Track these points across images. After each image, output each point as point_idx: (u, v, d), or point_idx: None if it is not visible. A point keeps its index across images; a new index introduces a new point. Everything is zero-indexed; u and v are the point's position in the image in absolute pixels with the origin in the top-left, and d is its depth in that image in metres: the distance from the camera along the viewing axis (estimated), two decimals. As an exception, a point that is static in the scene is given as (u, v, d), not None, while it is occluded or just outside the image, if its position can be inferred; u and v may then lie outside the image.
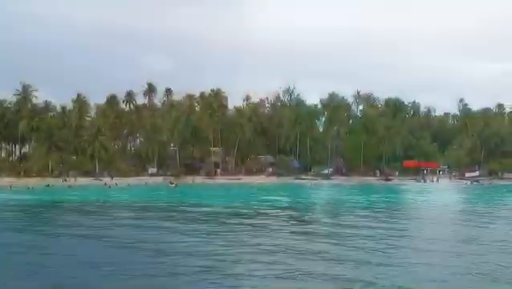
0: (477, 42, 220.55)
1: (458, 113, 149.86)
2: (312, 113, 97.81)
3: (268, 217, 39.46)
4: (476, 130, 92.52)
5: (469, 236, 27.99)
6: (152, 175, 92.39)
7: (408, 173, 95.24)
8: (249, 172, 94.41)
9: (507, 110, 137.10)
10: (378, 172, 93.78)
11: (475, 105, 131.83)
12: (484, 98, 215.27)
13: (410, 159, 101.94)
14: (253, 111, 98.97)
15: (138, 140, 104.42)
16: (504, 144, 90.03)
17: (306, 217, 41.53)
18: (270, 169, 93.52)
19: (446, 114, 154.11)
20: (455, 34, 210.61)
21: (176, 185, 79.03)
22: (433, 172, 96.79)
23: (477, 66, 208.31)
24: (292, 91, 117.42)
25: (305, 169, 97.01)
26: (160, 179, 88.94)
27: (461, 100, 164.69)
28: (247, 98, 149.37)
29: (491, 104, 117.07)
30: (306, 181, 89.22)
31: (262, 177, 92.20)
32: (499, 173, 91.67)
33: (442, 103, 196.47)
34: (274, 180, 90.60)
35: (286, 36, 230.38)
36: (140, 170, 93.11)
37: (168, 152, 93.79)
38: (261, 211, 44.60)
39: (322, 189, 79.92)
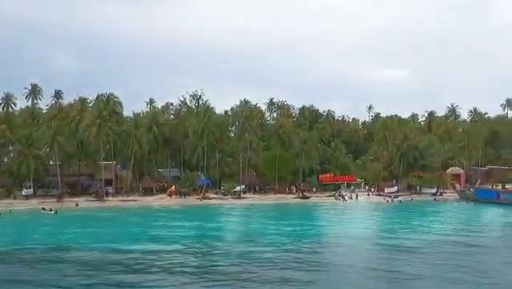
0: (383, 49, 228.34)
1: (370, 121, 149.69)
2: (222, 122, 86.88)
3: (159, 269, 29.96)
4: (395, 143, 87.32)
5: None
6: (27, 197, 75.83)
7: (325, 188, 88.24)
8: (149, 192, 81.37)
9: (420, 119, 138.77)
10: (294, 188, 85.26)
11: (384, 112, 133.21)
12: (391, 105, 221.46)
13: (326, 172, 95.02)
14: (152, 118, 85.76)
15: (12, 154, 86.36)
16: (422, 157, 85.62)
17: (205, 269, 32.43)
18: (174, 187, 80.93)
19: (355, 120, 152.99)
20: (362, 41, 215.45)
21: (56, 212, 64.21)
22: (352, 187, 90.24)
23: (384, 73, 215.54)
24: (200, 97, 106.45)
25: (214, 186, 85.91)
26: (35, 202, 72.98)
27: (371, 108, 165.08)
28: (151, 102, 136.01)
29: (400, 112, 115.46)
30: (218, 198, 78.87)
31: (165, 197, 79.70)
32: (417, 188, 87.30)
33: (353, 112, 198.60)
34: (178, 201, 78.52)
35: (197, 39, 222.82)
36: (14, 191, 76.42)
37: (47, 168, 77.55)
38: (148, 259, 34.71)
39: (233, 212, 69.58)
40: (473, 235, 50.85)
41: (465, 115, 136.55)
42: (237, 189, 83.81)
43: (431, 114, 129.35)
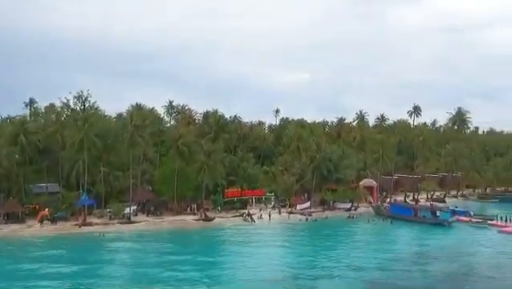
0: (286, 52, 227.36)
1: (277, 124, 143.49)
2: (108, 130, 72.90)
3: None
4: (308, 154, 79.53)
5: None
6: None
7: (231, 206, 78.37)
8: (15, 218, 65.58)
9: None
10: (195, 207, 74.03)
11: (289, 115, 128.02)
12: (293, 107, 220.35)
13: (233, 185, 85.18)
14: (20, 126, 69.64)
15: None
16: (337, 169, 78.71)
17: None
18: (46, 211, 65.79)
19: (262, 123, 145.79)
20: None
21: None
22: (262, 204, 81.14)
23: (287, 76, 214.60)
24: (86, 98, 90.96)
25: (101, 206, 71.98)
26: None
27: (278, 111, 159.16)
28: (31, 103, 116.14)
29: (303, 114, 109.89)
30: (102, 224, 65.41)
31: (35, 224, 64.55)
32: (331, 203, 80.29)
33: (258, 115, 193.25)
34: (50, 229, 63.62)
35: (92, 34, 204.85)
36: None
37: None
38: None
39: (115, 245, 56.52)
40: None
41: (372, 121, 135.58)
42: (127, 210, 70.43)
43: (341, 120, 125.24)
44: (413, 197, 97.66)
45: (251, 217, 73.04)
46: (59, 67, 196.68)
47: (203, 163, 70.46)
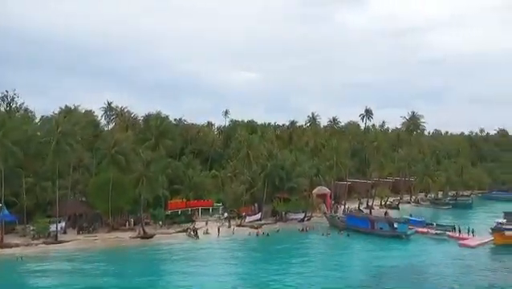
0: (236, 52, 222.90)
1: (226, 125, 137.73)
2: (31, 136, 63.96)
3: None
4: (259, 162, 73.97)
5: None
6: None
7: (175, 219, 71.95)
8: None
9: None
10: (133, 222, 66.75)
11: (239, 116, 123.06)
12: (244, 107, 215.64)
13: (177, 195, 78.61)
14: None
15: None
16: (289, 178, 73.55)
17: None
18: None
19: (210, 124, 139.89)
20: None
21: None
22: (209, 216, 75.04)
23: (237, 75, 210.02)
24: (13, 99, 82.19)
25: (23, 222, 63.19)
26: None
27: (227, 113, 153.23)
28: None
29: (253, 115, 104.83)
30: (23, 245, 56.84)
31: None
32: (283, 214, 75.06)
33: (206, 115, 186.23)
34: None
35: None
36: None
37: None
38: None
39: (32, 277, 48.24)
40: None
41: (324, 122, 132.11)
42: (53, 227, 61.74)
43: (293, 123, 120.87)
44: (367, 204, 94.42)
45: (196, 233, 66.28)
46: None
47: (141, 174, 62.89)
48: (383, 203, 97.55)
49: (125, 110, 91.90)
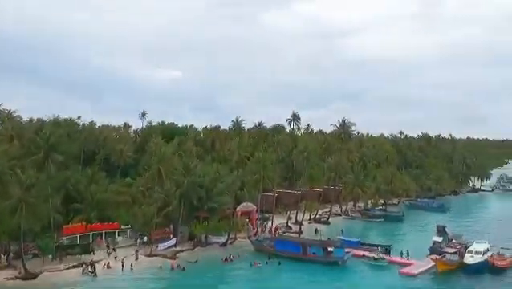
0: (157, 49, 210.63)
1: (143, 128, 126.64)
2: None
3: None
4: (173, 179, 63.40)
5: None
6: None
7: (69, 250, 59.48)
8: None
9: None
10: (6, 258, 53.71)
11: (157, 117, 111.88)
12: (164, 106, 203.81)
13: (76, 216, 66.66)
14: None
15: None
16: (210, 197, 63.81)
17: None
18: None
19: (127, 126, 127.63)
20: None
21: None
22: (112, 244, 63.33)
23: (157, 73, 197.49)
24: None
25: None
26: None
27: (144, 114, 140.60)
28: None
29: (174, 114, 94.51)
30: None
31: None
32: (202, 238, 65.02)
33: (123, 114, 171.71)
34: None
35: None
36: None
37: None
38: None
39: None
40: None
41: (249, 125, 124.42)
42: None
43: (216, 128, 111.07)
44: (296, 219, 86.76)
45: (93, 269, 54.15)
46: None
47: (20, 200, 49.64)
48: (312, 217, 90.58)
49: (13, 114, 76.45)
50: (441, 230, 78.40)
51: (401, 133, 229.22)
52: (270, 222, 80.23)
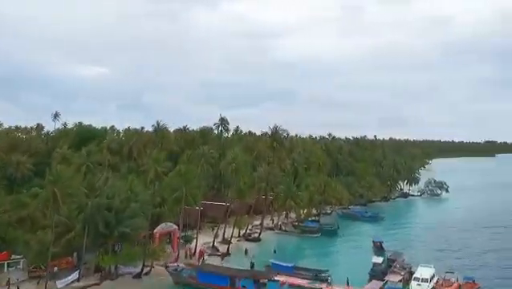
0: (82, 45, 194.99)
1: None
2: None
3: None
4: (74, 201, 52.56)
5: None
6: None
7: None
8: None
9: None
10: None
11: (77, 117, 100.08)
12: (94, 104, 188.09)
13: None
14: None
15: None
16: (120, 220, 53.70)
17: None
18: None
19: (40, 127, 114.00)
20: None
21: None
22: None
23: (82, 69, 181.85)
24: None
25: None
26: None
27: (57, 116, 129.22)
28: None
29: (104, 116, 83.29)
30: None
31: None
32: (112, 269, 54.72)
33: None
34: None
35: None
36: None
37: None
38: None
39: None
40: None
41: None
42: None
43: (140, 131, 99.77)
44: (223, 237, 78.23)
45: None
46: None
47: None
48: (242, 233, 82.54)
49: None
50: (379, 247, 73.66)
51: (329, 135, 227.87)
52: (194, 242, 71.04)
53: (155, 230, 65.07)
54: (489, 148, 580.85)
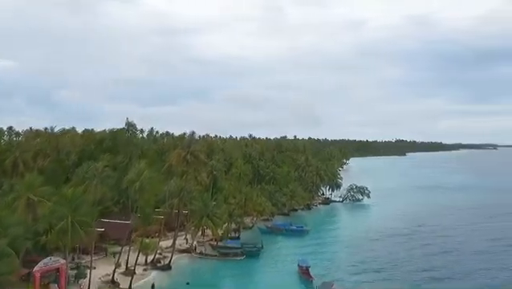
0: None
1: None
2: None
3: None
4: None
5: None
6: None
7: None
8: None
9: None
10: None
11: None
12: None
13: None
14: None
15: None
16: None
17: None
18: None
19: None
20: None
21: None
22: None
23: None
24: None
25: None
26: None
27: None
28: None
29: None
30: None
31: None
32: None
33: None
34: None
35: None
36: None
37: None
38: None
39: None
40: None
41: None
42: None
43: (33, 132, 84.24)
44: (126, 266, 66.11)
45: None
46: None
47: None
48: (150, 259, 70.85)
49: None
50: (306, 273, 65.74)
51: (250, 136, 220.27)
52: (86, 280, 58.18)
53: (34, 269, 51.65)
54: (400, 147, 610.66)
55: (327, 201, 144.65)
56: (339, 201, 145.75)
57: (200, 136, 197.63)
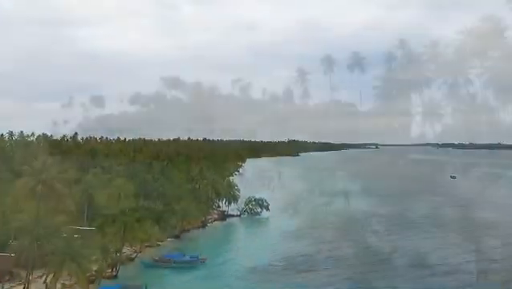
0: None
1: None
2: None
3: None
4: None
5: None
6: None
7: None
8: None
9: None
10: None
11: None
12: None
13: None
14: None
15: None
16: None
17: None
18: None
19: None
20: None
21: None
22: None
23: None
24: None
25: None
26: None
27: None
28: None
29: None
30: None
31: None
32: None
33: None
34: None
35: None
36: None
37: None
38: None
39: None
40: None
41: None
42: None
43: None
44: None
45: None
46: None
47: None
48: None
49: None
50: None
51: (141, 139, 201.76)
52: None
53: None
54: (293, 148, 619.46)
55: (224, 216, 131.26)
56: (236, 215, 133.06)
57: (82, 139, 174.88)
